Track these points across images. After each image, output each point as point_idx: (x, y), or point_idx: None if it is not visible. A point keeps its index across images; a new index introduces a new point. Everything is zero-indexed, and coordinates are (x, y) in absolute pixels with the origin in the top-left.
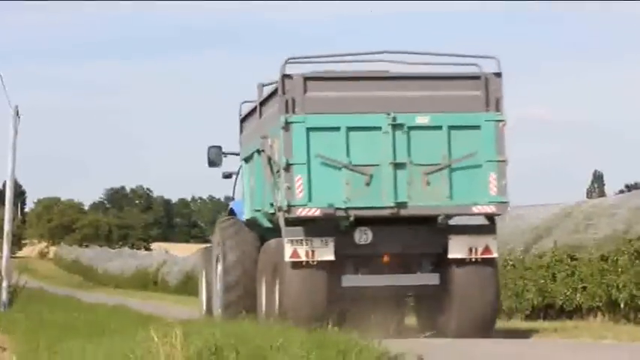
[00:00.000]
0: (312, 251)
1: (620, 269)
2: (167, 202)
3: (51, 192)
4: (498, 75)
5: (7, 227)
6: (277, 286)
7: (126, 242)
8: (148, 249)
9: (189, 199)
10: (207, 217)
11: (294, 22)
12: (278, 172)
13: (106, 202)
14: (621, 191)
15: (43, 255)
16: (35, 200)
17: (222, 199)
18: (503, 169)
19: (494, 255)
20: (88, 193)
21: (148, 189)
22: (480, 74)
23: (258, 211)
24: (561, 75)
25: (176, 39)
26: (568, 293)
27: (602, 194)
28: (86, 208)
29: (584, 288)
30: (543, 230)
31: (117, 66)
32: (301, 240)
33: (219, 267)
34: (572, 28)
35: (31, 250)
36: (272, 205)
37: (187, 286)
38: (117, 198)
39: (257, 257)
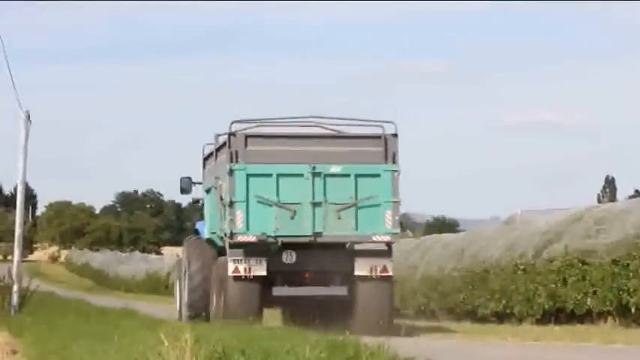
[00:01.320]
0: (249, 268)
1: (631, 273)
2: (178, 206)
3: (62, 196)
4: (395, 135)
5: (18, 231)
6: (223, 294)
7: (137, 246)
8: (158, 253)
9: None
10: None
11: (299, 24)
12: (225, 206)
13: (117, 205)
14: (632, 196)
15: (53, 259)
16: (46, 204)
17: None
18: (397, 208)
19: (390, 273)
20: (99, 196)
21: (158, 193)
22: (380, 135)
23: (214, 233)
24: (571, 78)
25: (187, 40)
26: (579, 297)
27: (613, 199)
28: (97, 211)
29: (595, 292)
30: (554, 235)
31: (128, 68)
32: (241, 259)
33: (187, 274)
34: (578, 30)
35: (42, 254)
36: (221, 230)
37: None
38: (128, 202)
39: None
